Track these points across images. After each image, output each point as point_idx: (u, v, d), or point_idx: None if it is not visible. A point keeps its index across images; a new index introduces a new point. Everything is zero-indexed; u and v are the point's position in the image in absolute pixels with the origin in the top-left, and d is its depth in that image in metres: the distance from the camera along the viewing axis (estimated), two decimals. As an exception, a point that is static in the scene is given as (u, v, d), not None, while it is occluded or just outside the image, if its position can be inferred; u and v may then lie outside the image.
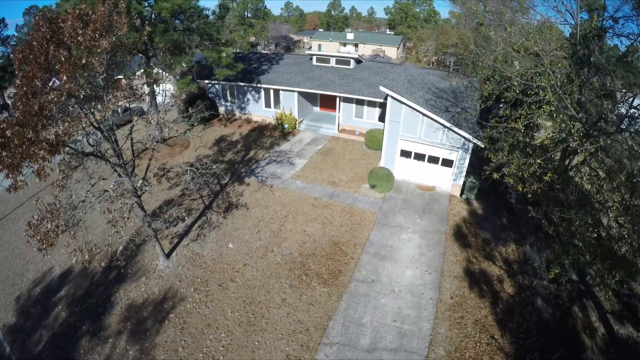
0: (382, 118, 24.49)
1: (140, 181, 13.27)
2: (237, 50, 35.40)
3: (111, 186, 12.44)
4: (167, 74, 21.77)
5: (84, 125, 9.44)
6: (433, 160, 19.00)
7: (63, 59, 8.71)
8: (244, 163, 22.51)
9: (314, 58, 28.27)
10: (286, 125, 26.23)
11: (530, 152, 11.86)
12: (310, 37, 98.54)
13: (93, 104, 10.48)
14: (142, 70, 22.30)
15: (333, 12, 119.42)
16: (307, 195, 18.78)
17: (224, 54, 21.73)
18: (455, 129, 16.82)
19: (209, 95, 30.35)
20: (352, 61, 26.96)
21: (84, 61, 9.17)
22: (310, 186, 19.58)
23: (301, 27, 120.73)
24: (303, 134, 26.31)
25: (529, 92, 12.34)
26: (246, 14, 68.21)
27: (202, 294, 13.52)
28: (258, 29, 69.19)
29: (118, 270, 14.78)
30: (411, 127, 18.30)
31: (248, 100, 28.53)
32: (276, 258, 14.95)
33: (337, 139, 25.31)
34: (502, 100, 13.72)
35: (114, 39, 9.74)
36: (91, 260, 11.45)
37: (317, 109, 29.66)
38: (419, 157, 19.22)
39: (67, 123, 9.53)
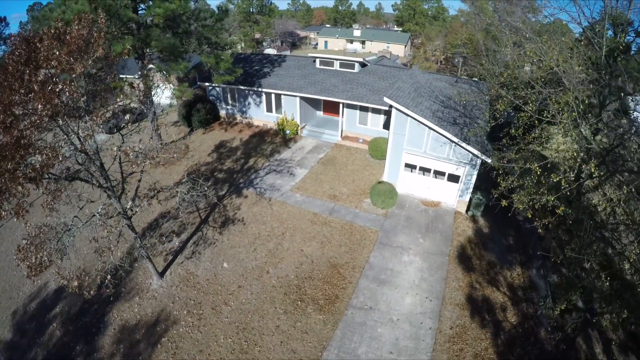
0: (386, 125, 23.84)
1: (130, 202, 12.90)
2: (239, 51, 34.77)
3: (99, 210, 12.10)
4: (164, 81, 21.37)
5: (61, 158, 8.95)
6: (439, 174, 18.39)
7: (36, 87, 8.25)
8: (242, 172, 22.07)
9: (317, 60, 27.57)
10: (287, 132, 25.70)
11: (543, 181, 11.19)
12: (317, 32, 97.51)
13: (75, 127, 10.05)
14: (138, 74, 21.98)
15: (340, 8, 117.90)
16: (306, 210, 18.30)
17: (222, 58, 21.06)
18: (463, 145, 16.18)
19: (210, 97, 29.90)
20: (356, 65, 26.24)
21: (60, 86, 8.69)
22: (310, 200, 19.09)
23: (308, 23, 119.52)
24: (305, 140, 25.77)
25: (544, 114, 11.66)
26: (251, 10, 67.29)
27: (195, 317, 13.17)
28: (263, 25, 68.32)
29: (112, 289, 14.50)
30: (416, 141, 17.68)
31: (249, 104, 28.02)
32: (271, 280, 14.51)
33: (340, 146, 24.74)
34: (516, 117, 13.01)
35: (90, 61, 9.24)
36: (81, 286, 11.15)
37: (320, 113, 29.05)
38: (424, 171, 18.62)
39: (44, 155, 9.14)
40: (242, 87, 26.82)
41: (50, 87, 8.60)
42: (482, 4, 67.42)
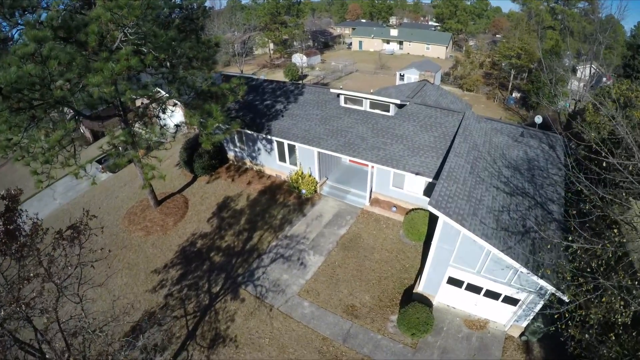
0: (428, 192, 18.70)
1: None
2: (249, 76, 30.00)
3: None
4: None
5: None
6: (492, 295, 13.33)
7: None
8: (243, 256, 17.74)
9: (342, 97, 22.44)
10: (303, 191, 21.05)
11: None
12: (353, 29, 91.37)
13: None
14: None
15: (376, 1, 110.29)
16: (314, 333, 13.77)
17: (210, 114, 15.91)
18: (535, 278, 11.03)
19: (218, 136, 25.69)
20: (392, 106, 20.81)
21: None
22: (321, 313, 14.51)
23: (342, 18, 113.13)
24: (325, 202, 21.03)
25: None
26: (277, 12, 62.39)
27: None
28: (292, 27, 63.36)
29: None
30: (469, 259, 12.58)
31: (259, 149, 23.56)
32: None
33: (368, 214, 19.82)
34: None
35: None
36: None
37: (345, 160, 24.11)
38: (473, 289, 13.56)
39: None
40: (248, 132, 22.37)
41: None
42: (535, 5, 59.31)
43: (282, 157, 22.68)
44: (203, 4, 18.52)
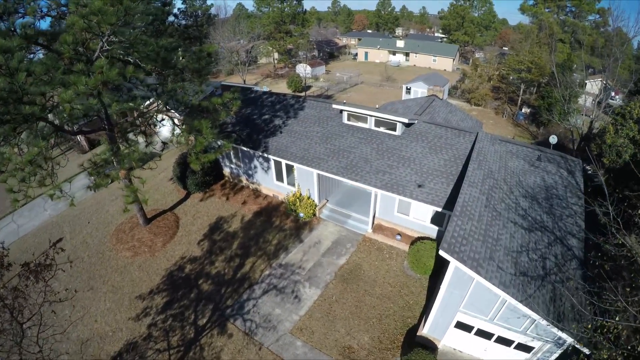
0: (436, 220, 17.36)
1: None
2: (248, 86, 28.80)
3: None
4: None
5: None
6: (504, 341, 11.96)
7: None
8: (234, 285, 16.41)
9: (345, 114, 21.22)
10: (301, 214, 19.75)
11: None
12: (359, 39, 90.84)
13: None
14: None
15: (382, 12, 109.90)
16: (308, 383, 12.40)
17: (200, 132, 14.58)
18: (555, 330, 9.66)
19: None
20: (399, 125, 19.49)
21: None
22: (314, 355, 13.09)
23: (348, 28, 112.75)
24: (324, 226, 19.69)
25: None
26: (282, 20, 61.70)
27: None
28: (297, 36, 62.62)
29: None
30: (481, 306, 11.22)
31: (256, 167, 22.32)
32: None
33: (370, 243, 18.44)
34: None
35: None
36: None
37: (347, 180, 22.76)
38: (484, 334, 12.18)
39: None
40: (244, 148, 21.16)
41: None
42: (546, 17, 58.33)
43: (279, 177, 21.44)
44: (208, 11, 17.59)
